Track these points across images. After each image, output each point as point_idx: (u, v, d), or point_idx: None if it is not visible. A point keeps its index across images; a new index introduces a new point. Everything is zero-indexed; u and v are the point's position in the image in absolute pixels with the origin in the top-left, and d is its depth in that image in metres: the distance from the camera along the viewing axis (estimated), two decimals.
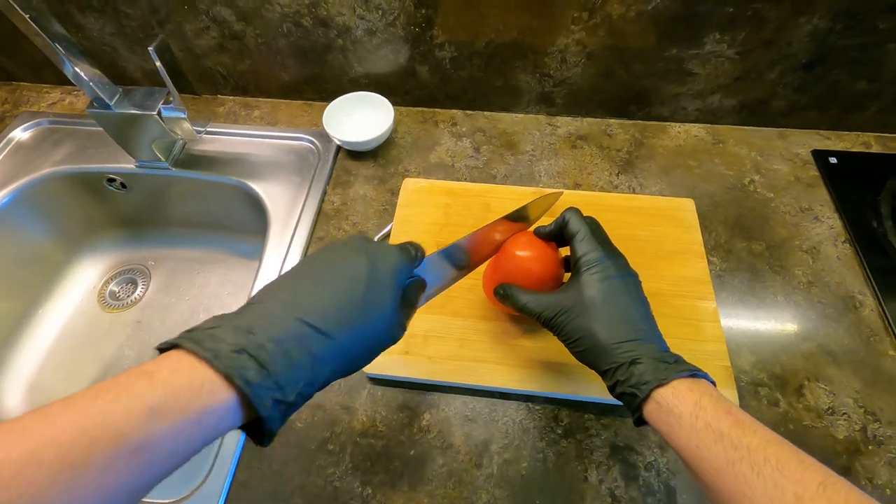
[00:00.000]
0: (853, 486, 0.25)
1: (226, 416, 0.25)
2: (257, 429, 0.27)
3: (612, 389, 0.35)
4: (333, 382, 0.30)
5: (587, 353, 0.36)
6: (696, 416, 0.30)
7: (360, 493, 0.45)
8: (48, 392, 0.68)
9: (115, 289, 0.77)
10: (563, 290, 0.39)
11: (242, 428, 0.27)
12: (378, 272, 0.32)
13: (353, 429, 0.48)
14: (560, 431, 0.47)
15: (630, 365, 0.33)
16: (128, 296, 0.76)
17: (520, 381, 0.49)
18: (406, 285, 0.35)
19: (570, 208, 0.42)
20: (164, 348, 0.26)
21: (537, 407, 0.49)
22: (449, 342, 0.51)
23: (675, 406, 0.31)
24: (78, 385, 0.68)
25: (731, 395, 0.47)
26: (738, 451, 0.28)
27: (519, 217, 0.47)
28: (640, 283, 0.39)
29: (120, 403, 0.22)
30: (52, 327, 0.73)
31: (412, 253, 0.36)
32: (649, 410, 0.33)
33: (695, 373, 0.33)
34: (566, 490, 0.44)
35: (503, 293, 0.42)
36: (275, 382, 0.26)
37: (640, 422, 0.34)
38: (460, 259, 0.42)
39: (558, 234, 0.43)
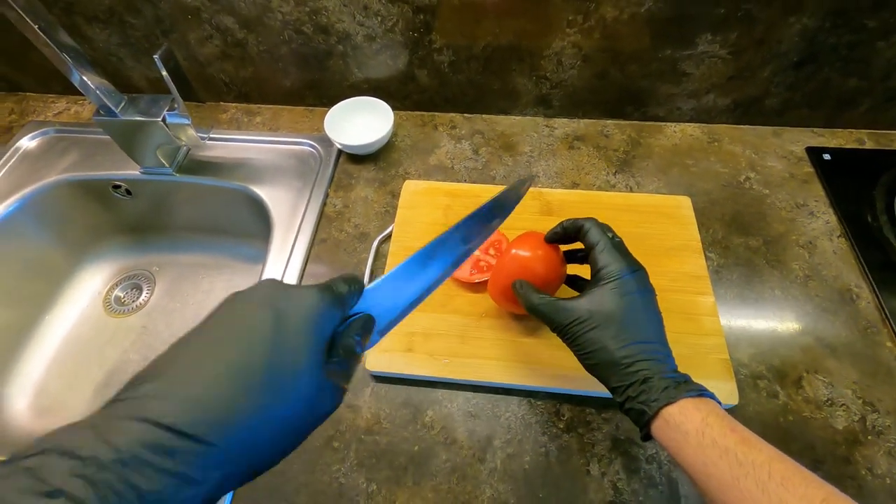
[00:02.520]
0: (854, 503, 0.26)
1: None
2: None
3: (621, 405, 0.36)
4: None
5: (598, 367, 0.36)
6: (702, 433, 0.31)
7: (364, 490, 0.45)
8: (54, 397, 0.68)
9: (121, 294, 0.78)
10: (580, 298, 0.38)
11: None
12: (287, 329, 0.25)
13: (358, 426, 0.49)
14: (562, 426, 0.48)
15: (641, 383, 0.34)
16: (133, 301, 0.77)
17: (521, 376, 0.49)
18: (339, 332, 0.29)
19: (589, 218, 0.41)
20: None
21: (539, 402, 0.49)
22: (450, 339, 0.52)
23: (682, 423, 0.32)
24: (83, 390, 0.69)
25: (731, 387, 0.48)
26: (743, 467, 0.28)
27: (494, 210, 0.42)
28: (655, 296, 0.39)
29: None
30: (59, 333, 0.74)
31: (340, 290, 0.29)
32: (657, 427, 0.33)
33: (702, 392, 0.34)
34: (569, 483, 0.45)
35: (520, 289, 0.42)
36: None
37: (648, 437, 0.34)
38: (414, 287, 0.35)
39: (563, 238, 0.43)
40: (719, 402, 0.34)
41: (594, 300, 0.37)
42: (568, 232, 0.43)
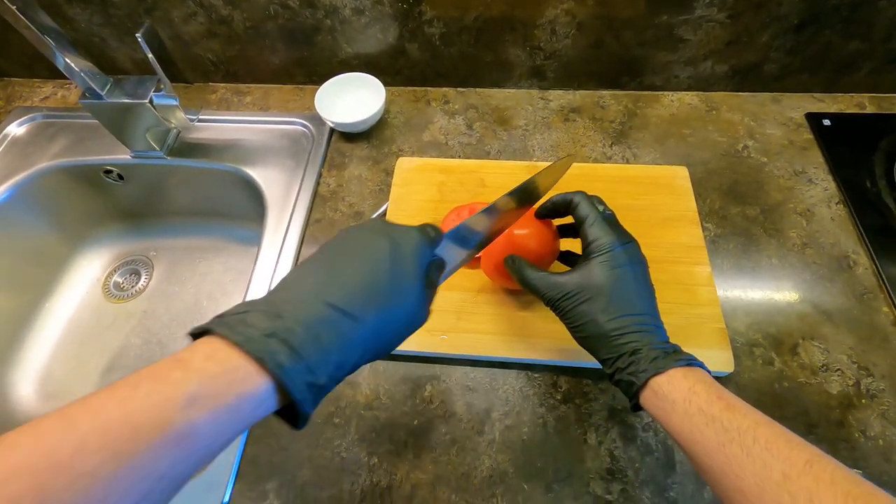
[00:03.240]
0: (839, 464, 0.26)
1: (262, 401, 0.25)
2: (291, 413, 0.27)
3: (610, 377, 0.36)
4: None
5: (589, 339, 0.37)
6: (689, 402, 0.31)
7: (366, 463, 0.46)
8: (59, 382, 0.69)
9: (119, 280, 0.78)
10: (571, 273, 0.38)
11: (277, 413, 0.27)
12: (401, 253, 0.32)
13: (358, 402, 0.49)
14: (559, 397, 0.48)
15: (630, 355, 0.34)
16: (132, 286, 0.77)
17: (518, 350, 0.50)
18: (427, 265, 0.35)
19: (578, 192, 0.41)
20: (195, 333, 0.26)
21: (536, 375, 0.50)
22: (447, 315, 0.52)
23: (670, 392, 0.32)
24: (87, 375, 0.70)
25: (727, 356, 0.48)
26: (729, 433, 0.29)
27: (526, 193, 0.43)
28: (647, 268, 0.39)
29: (159, 393, 0.23)
30: (60, 320, 0.74)
31: (431, 234, 0.36)
32: (645, 397, 0.34)
33: (691, 361, 0.34)
34: (566, 452, 0.46)
35: (513, 264, 0.42)
36: (307, 366, 0.26)
37: (637, 408, 0.35)
38: (473, 239, 0.41)
39: (553, 213, 0.43)
40: (708, 371, 0.34)
41: (584, 274, 0.37)
42: (558, 207, 0.42)
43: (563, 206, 0.42)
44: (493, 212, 0.40)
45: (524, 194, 0.43)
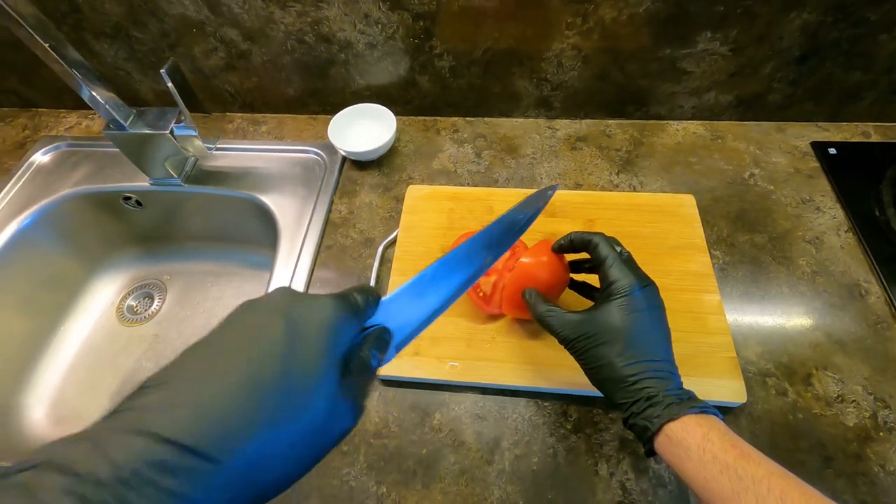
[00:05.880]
0: None
1: None
2: None
3: (625, 421, 0.36)
4: None
5: (604, 382, 0.37)
6: (703, 449, 0.31)
7: (374, 492, 0.46)
8: (71, 406, 0.70)
9: (133, 303, 0.79)
10: (588, 312, 0.38)
11: None
12: (301, 340, 0.23)
13: (367, 430, 0.49)
14: (569, 427, 0.48)
15: (646, 400, 0.34)
16: (145, 310, 0.78)
17: (528, 378, 0.49)
18: (354, 345, 0.27)
19: (598, 233, 0.41)
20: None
21: (546, 403, 0.49)
22: (457, 342, 0.52)
23: (684, 439, 0.32)
24: (98, 398, 0.70)
25: (739, 386, 0.47)
26: (743, 481, 0.29)
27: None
28: (665, 312, 0.39)
29: None
30: (74, 343, 0.75)
31: (357, 301, 0.27)
32: (660, 443, 0.34)
33: (705, 408, 0.34)
34: (577, 484, 0.45)
35: (529, 298, 0.42)
36: None
37: (651, 453, 0.35)
38: (437, 291, 0.33)
39: (571, 249, 0.44)
40: (721, 418, 0.34)
41: (602, 315, 0.37)
42: (575, 244, 0.43)
43: (580, 245, 0.42)
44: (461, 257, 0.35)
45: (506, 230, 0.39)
